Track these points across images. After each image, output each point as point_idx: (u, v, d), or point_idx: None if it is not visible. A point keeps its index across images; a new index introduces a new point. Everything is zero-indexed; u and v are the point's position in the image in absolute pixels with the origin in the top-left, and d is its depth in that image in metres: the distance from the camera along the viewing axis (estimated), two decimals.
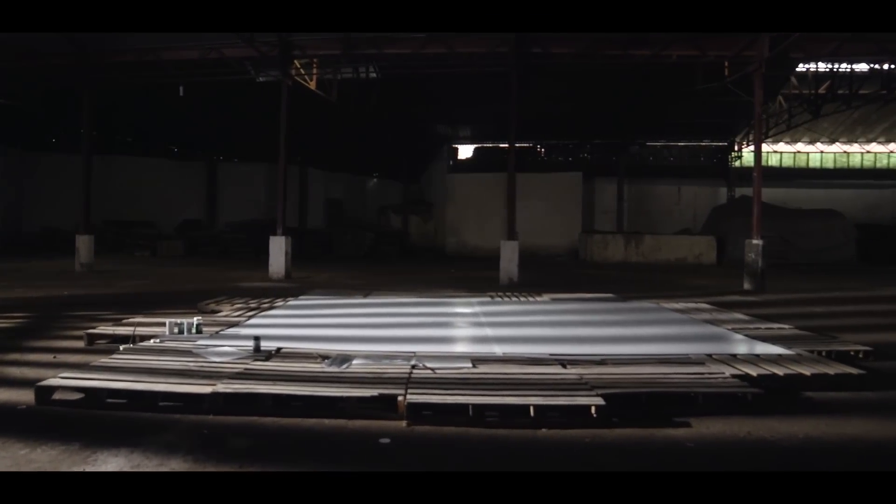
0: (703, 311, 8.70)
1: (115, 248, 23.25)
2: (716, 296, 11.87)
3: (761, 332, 7.01)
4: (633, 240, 23.78)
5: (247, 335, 6.27)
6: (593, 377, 4.79)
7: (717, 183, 29.14)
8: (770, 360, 5.46)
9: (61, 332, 7.23)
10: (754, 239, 13.25)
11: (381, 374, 4.83)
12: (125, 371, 4.76)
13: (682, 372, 5.00)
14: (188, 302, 9.63)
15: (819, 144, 30.31)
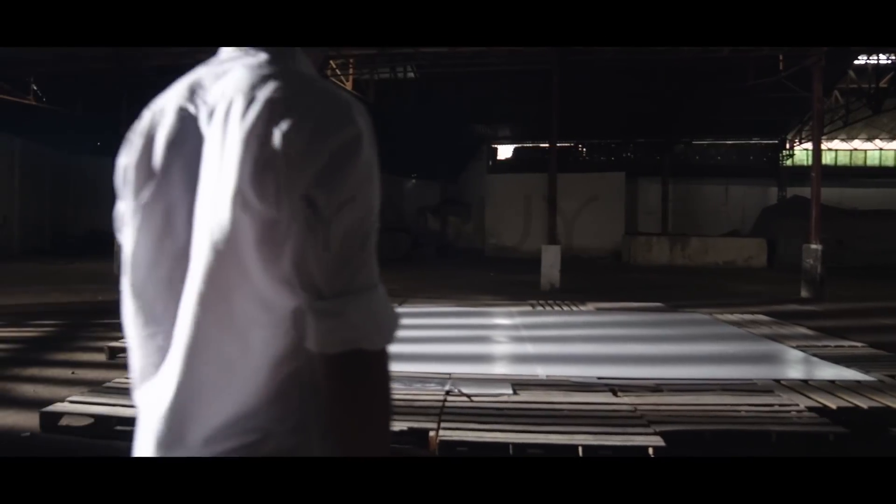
0: (761, 325, 8.07)
1: None
2: (772, 304, 11.15)
3: (831, 351, 6.38)
4: (678, 242, 22.97)
5: None
6: (649, 409, 4.29)
7: (766, 182, 28.00)
8: (848, 388, 4.86)
9: (85, 343, 7.01)
10: (812, 243, 12.45)
11: (413, 402, 4.40)
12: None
13: (750, 403, 4.46)
14: None
15: (878, 141, 28.89)
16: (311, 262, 0.85)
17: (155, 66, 15.84)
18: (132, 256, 0.98)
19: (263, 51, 0.97)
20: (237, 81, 0.92)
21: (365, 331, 0.86)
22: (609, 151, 30.38)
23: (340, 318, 0.85)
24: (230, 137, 0.87)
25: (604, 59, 14.76)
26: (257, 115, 0.87)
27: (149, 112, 1.02)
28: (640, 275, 18.41)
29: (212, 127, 0.91)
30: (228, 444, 0.91)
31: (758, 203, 26.83)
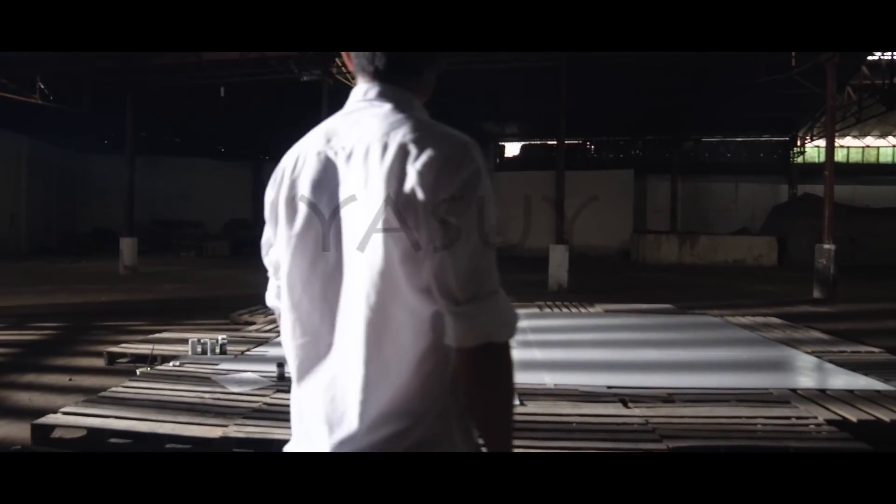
0: (774, 328, 7.89)
1: (161, 248, 23.41)
2: (783, 306, 10.96)
3: (848, 357, 6.19)
4: (687, 240, 22.75)
5: (273, 357, 5.79)
6: (661, 421, 4.13)
7: (777, 180, 27.68)
8: (868, 399, 4.69)
9: (85, 347, 6.89)
10: (825, 243, 12.22)
11: None
12: (133, 405, 4.31)
13: (766, 416, 4.28)
14: (224, 310, 9.28)
15: (890, 138, 28.51)
16: (448, 275, 1.05)
17: (160, 65, 15.75)
18: (288, 277, 1.17)
19: (387, 101, 1.16)
20: (371, 129, 1.12)
21: (494, 328, 1.06)
22: (618, 149, 30.12)
23: (474, 319, 1.05)
24: (372, 176, 1.07)
25: (613, 56, 14.54)
26: (394, 157, 1.07)
27: (290, 156, 1.21)
28: (648, 274, 18.20)
29: (351, 166, 1.11)
30: (387, 429, 1.09)
31: (768, 201, 26.53)
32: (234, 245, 24.22)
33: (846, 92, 20.80)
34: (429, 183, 1.05)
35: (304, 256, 1.15)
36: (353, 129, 1.14)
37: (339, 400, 1.11)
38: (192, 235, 24.93)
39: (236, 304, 9.80)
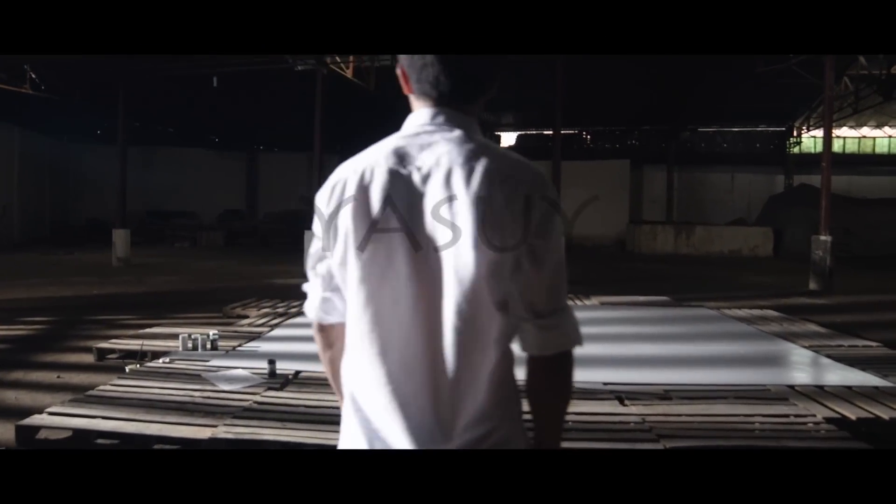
0: (771, 321, 7.84)
1: (155, 238, 23.26)
2: (780, 298, 10.92)
3: (845, 352, 6.15)
4: (683, 230, 22.71)
5: (265, 353, 5.72)
6: (658, 420, 4.06)
7: (773, 170, 27.62)
8: (866, 395, 4.63)
9: (75, 342, 6.80)
10: (822, 234, 12.17)
11: None
12: (121, 404, 4.22)
13: (764, 413, 4.22)
14: (217, 302, 9.19)
15: (887, 129, 28.46)
16: (534, 292, 1.18)
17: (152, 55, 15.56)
18: (359, 290, 1.20)
19: (456, 127, 1.23)
20: (449, 154, 1.19)
21: (570, 337, 1.23)
22: (614, 139, 30.01)
23: (555, 329, 1.21)
24: (458, 199, 1.15)
25: None
26: (480, 183, 1.16)
27: (350, 172, 1.23)
28: (644, 264, 18.16)
29: (430, 187, 1.17)
30: (478, 430, 1.17)
31: (764, 191, 26.49)
32: (228, 235, 24.10)
33: (843, 82, 20.71)
34: (517, 209, 1.16)
35: (376, 268, 1.19)
36: (428, 152, 1.21)
37: (436, 407, 1.17)
38: (187, 226, 24.77)
39: (229, 296, 9.72)
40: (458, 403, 1.16)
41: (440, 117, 1.24)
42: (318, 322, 1.36)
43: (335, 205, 1.22)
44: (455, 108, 1.25)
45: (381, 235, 1.18)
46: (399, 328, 1.18)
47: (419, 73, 1.25)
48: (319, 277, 1.30)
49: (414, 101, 1.29)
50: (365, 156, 1.25)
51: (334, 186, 1.23)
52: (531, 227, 1.16)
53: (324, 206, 1.24)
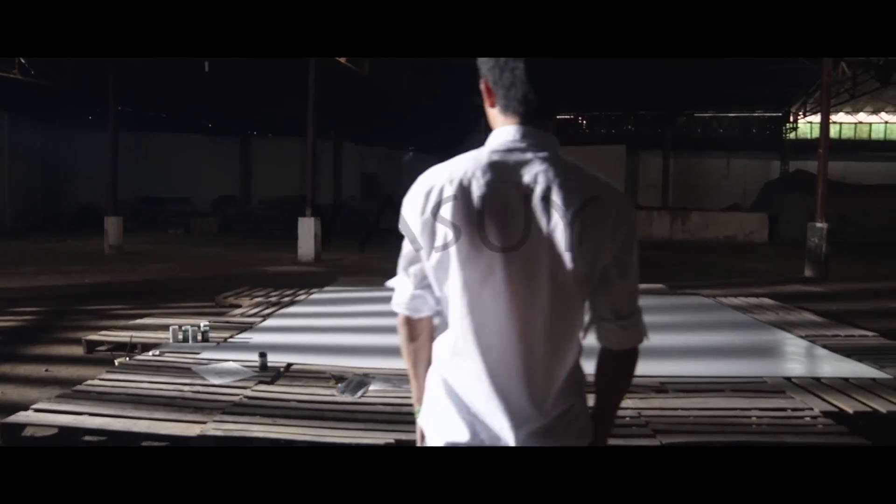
0: (767, 310, 7.80)
1: (149, 225, 23.09)
2: (775, 285, 10.89)
3: (842, 342, 6.11)
4: (679, 216, 22.64)
5: (256, 344, 5.65)
6: (654, 414, 4.02)
7: (769, 156, 27.56)
8: (864, 388, 4.59)
9: (65, 333, 6.71)
10: (818, 222, 12.12)
11: (402, 407, 4.13)
12: (108, 399, 4.15)
13: (761, 407, 4.18)
14: (209, 291, 9.11)
15: (884, 114, 28.37)
16: (620, 298, 1.38)
17: None
18: (460, 294, 1.34)
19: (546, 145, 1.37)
20: (545, 173, 1.33)
21: (642, 335, 1.42)
22: (610, 124, 29.86)
23: (633, 329, 1.40)
24: (556, 216, 1.30)
25: None
26: (576, 203, 1.31)
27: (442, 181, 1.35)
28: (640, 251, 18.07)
29: (529, 202, 1.32)
30: (562, 406, 1.39)
31: (760, 177, 26.43)
32: (222, 222, 23.95)
33: (840, 67, 20.60)
34: (608, 227, 1.33)
35: (474, 275, 1.33)
36: (525, 170, 1.34)
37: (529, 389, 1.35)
38: (180, 212, 24.59)
39: (222, 285, 9.64)
40: (549, 386, 1.37)
41: (529, 136, 1.37)
42: (406, 316, 1.50)
43: (431, 211, 1.34)
44: (538, 125, 1.38)
45: (475, 248, 1.31)
46: (498, 325, 1.34)
47: (507, 90, 1.36)
48: (412, 277, 1.44)
49: (497, 115, 1.41)
50: (457, 165, 1.36)
51: (429, 193, 1.35)
52: (618, 243, 1.34)
53: (417, 211, 1.36)
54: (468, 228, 1.31)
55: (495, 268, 1.31)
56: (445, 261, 1.34)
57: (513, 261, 1.31)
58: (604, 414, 1.51)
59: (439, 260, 1.34)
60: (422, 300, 1.45)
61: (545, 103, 1.37)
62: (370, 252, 15.61)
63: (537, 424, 1.36)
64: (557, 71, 1.39)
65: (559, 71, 1.39)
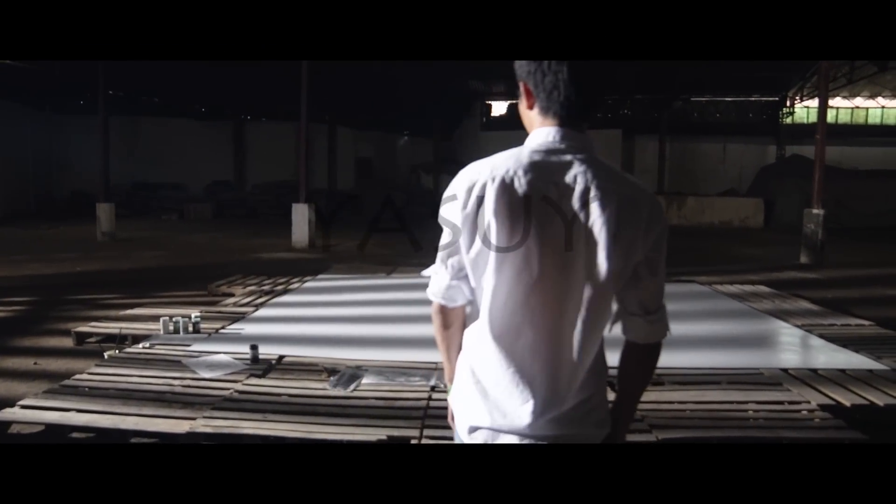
0: (763, 298, 7.76)
1: (142, 211, 22.93)
2: (771, 272, 10.86)
3: (838, 331, 6.08)
4: (675, 201, 22.56)
5: (248, 336, 5.59)
6: (650, 408, 3.97)
7: (765, 141, 27.45)
8: (860, 379, 4.56)
9: (55, 324, 6.63)
10: (814, 208, 12.08)
11: (395, 401, 4.08)
12: (97, 395, 4.09)
13: (758, 400, 4.14)
14: (202, 279, 9.02)
15: (880, 99, 28.27)
16: (649, 295, 1.46)
17: None
18: (495, 287, 1.40)
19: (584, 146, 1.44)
20: (584, 174, 1.39)
21: (665, 329, 1.51)
22: (605, 108, 29.66)
23: (659, 323, 1.49)
24: (594, 215, 1.37)
25: None
26: (612, 204, 1.37)
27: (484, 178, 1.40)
28: None
29: (568, 201, 1.38)
30: (583, 395, 1.44)
31: (756, 161, 26.35)
32: (216, 207, 23.79)
33: None
34: (642, 227, 1.40)
35: (510, 269, 1.39)
36: (561, 170, 1.41)
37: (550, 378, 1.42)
38: (174, 198, 24.41)
39: (215, 272, 9.56)
40: (573, 377, 1.43)
41: (568, 138, 1.44)
42: (441, 305, 1.56)
43: (473, 206, 1.40)
44: (575, 127, 1.44)
45: (520, 238, 1.38)
46: (531, 318, 1.41)
47: (549, 93, 1.43)
48: (449, 268, 1.49)
49: (536, 116, 1.47)
50: (499, 163, 1.41)
51: (471, 188, 1.40)
52: (650, 242, 1.42)
53: (458, 206, 1.41)
54: (509, 224, 1.37)
55: (533, 263, 1.38)
56: (485, 254, 1.40)
57: (550, 257, 1.38)
58: (624, 406, 1.60)
59: (479, 253, 1.41)
60: (457, 290, 1.50)
61: (585, 107, 1.45)
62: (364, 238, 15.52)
63: (556, 412, 1.42)
64: (597, 75, 1.46)
65: (598, 75, 1.47)
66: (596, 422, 1.49)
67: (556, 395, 1.42)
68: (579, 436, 1.47)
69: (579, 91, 1.42)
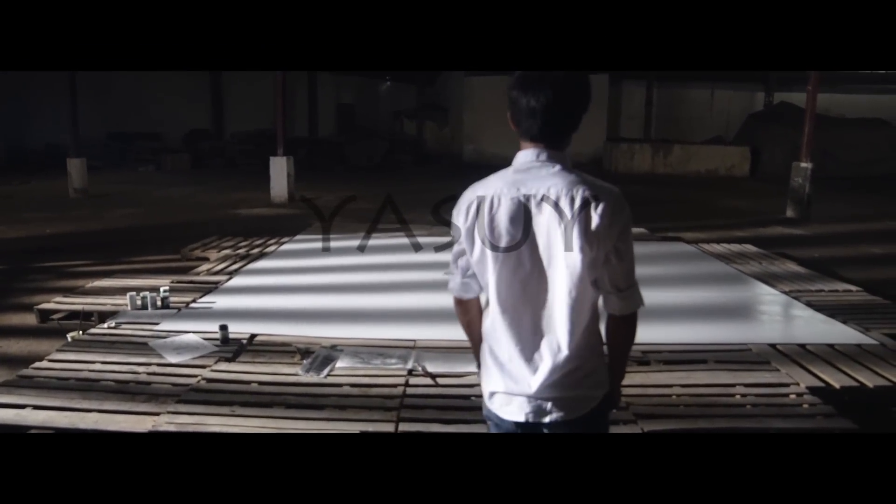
0: (750, 259, 7.63)
1: (118, 162, 22.31)
2: (757, 227, 10.76)
3: (826, 298, 5.97)
4: (661, 149, 22.30)
5: (220, 311, 5.38)
6: (636, 393, 3.83)
7: (753, 87, 27.02)
8: (849, 356, 4.45)
9: (19, 298, 6.36)
10: (803, 161, 11.89)
11: (369, 389, 3.91)
12: (56, 387, 3.88)
13: (746, 383, 4.01)
14: (177, 240, 8.75)
15: None
16: (618, 276, 1.79)
17: None
18: (496, 281, 1.78)
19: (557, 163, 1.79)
20: (555, 184, 1.74)
21: (637, 303, 1.86)
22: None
23: (630, 299, 1.83)
24: (566, 217, 1.71)
25: None
26: (581, 206, 1.71)
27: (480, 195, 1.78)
28: (621, 186, 17.65)
29: (543, 209, 1.74)
30: (574, 363, 1.79)
31: (744, 108, 25.99)
32: (194, 157, 23.20)
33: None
34: (606, 223, 1.69)
35: (507, 267, 1.75)
36: (539, 183, 1.74)
37: (548, 351, 1.77)
38: (151, 149, 23.75)
39: (191, 232, 9.28)
40: (565, 348, 1.76)
41: (543, 155, 1.78)
42: (458, 298, 1.96)
43: (471, 220, 1.77)
44: (554, 148, 1.78)
45: (510, 242, 1.73)
46: (529, 304, 1.77)
47: (527, 122, 1.77)
48: (460, 268, 1.88)
49: (519, 137, 1.83)
50: (489, 184, 1.78)
51: (468, 207, 1.79)
52: (615, 234, 1.72)
53: (461, 221, 1.80)
54: (501, 231, 1.74)
55: (523, 261, 1.75)
56: (484, 258, 1.77)
57: (536, 254, 1.74)
58: (614, 367, 1.95)
59: (479, 257, 1.79)
60: (468, 286, 1.89)
61: (557, 133, 1.78)
62: (345, 191, 15.20)
63: (555, 377, 1.76)
64: (570, 103, 1.76)
65: (572, 103, 1.76)
66: (591, 385, 1.84)
67: (555, 365, 1.76)
68: (577, 397, 1.82)
69: (549, 120, 1.74)
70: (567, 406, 1.80)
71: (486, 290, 1.84)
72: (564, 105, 1.73)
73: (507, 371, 1.81)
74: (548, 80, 1.72)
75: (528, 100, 1.72)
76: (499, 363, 1.82)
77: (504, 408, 1.83)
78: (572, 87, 1.74)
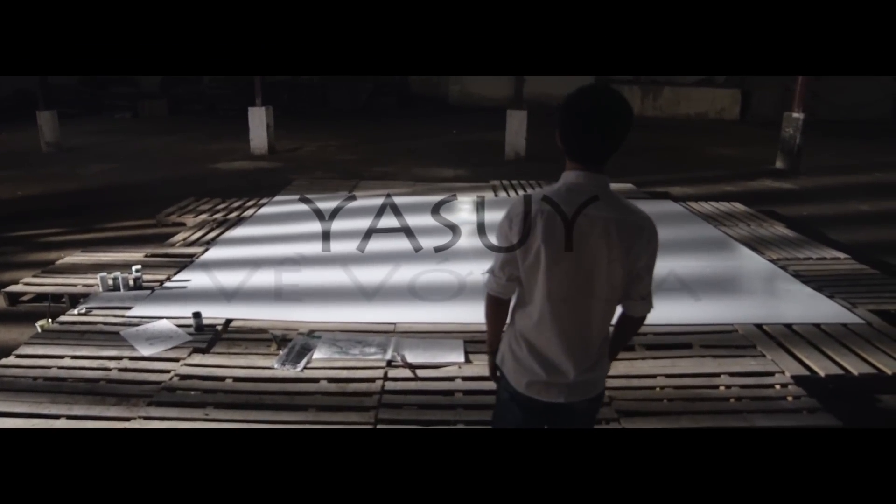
0: (739, 220, 7.52)
1: (93, 110, 21.63)
2: (746, 180, 10.62)
3: (813, 267, 5.89)
4: (650, 91, 21.89)
5: (194, 291, 5.23)
6: (619, 385, 3.76)
7: None
8: (835, 338, 4.40)
9: None
10: (794, 111, 11.65)
11: (346, 385, 3.82)
12: (22, 388, 3.75)
13: (731, 372, 3.96)
14: (153, 201, 8.54)
15: None
16: (644, 287, 2.07)
17: None
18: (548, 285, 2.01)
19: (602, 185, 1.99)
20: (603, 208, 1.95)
21: (650, 306, 2.13)
22: None
23: (648, 303, 2.12)
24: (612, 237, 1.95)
25: None
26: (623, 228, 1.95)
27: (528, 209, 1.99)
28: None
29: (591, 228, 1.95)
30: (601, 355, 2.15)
31: None
32: (172, 103, 22.55)
33: None
34: (643, 247, 1.99)
35: (555, 276, 1.99)
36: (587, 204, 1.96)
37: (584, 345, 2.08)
38: (126, 95, 23.01)
39: (168, 193, 9.03)
40: (596, 343, 2.09)
41: (589, 178, 1.97)
42: (497, 297, 2.16)
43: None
44: (595, 169, 1.98)
45: (560, 255, 1.96)
46: (570, 308, 2.02)
47: (572, 144, 1.98)
48: (506, 273, 2.08)
49: (566, 157, 2.02)
50: (540, 199, 1.98)
51: (516, 218, 2.01)
52: (648, 254, 2.00)
53: (512, 231, 2.01)
54: (552, 244, 1.96)
55: (570, 272, 1.98)
56: (536, 265, 1.99)
57: (582, 267, 1.97)
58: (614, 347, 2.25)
59: (531, 263, 2.00)
60: (509, 288, 2.12)
61: (603, 155, 1.97)
62: (327, 140, 14.85)
63: (586, 365, 2.07)
64: (620, 134, 1.93)
65: (621, 134, 1.93)
66: (602, 368, 2.17)
67: (588, 356, 2.08)
68: (595, 379, 2.14)
69: (602, 147, 1.94)
70: (589, 388, 2.12)
71: (531, 293, 2.05)
72: (615, 135, 1.91)
73: (549, 362, 2.07)
74: (601, 107, 1.89)
75: (581, 125, 1.92)
76: (538, 356, 2.08)
77: (543, 393, 2.09)
78: (624, 117, 1.90)
